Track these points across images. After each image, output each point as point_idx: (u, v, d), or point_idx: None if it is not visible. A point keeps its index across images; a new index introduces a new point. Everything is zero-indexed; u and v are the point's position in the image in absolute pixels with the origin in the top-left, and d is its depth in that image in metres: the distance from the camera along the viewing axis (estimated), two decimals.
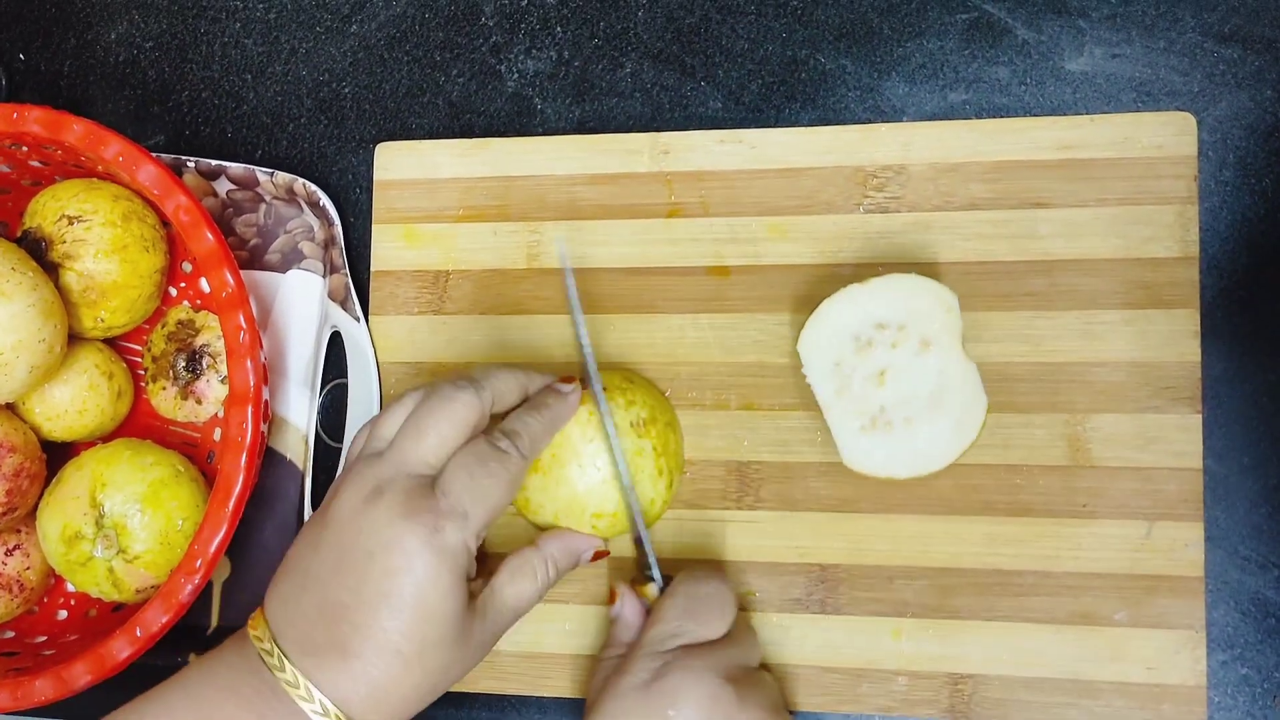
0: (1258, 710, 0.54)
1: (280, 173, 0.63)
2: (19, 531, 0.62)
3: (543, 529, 0.55)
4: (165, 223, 0.62)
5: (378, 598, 0.45)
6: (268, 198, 0.64)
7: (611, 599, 0.55)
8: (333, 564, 0.47)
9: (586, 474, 0.53)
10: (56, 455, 0.63)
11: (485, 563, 0.51)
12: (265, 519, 0.62)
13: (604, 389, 0.54)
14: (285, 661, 0.46)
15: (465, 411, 0.49)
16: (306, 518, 0.62)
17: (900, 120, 0.59)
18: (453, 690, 0.59)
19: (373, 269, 0.62)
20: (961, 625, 0.55)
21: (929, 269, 0.55)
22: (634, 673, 0.49)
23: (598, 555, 0.54)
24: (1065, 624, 0.54)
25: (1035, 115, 0.57)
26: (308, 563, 0.48)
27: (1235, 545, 0.54)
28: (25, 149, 0.59)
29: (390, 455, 0.48)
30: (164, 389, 0.62)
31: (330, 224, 0.63)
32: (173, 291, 0.65)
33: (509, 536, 0.59)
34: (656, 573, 0.55)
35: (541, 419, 0.51)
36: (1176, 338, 0.54)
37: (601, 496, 0.53)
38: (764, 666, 0.55)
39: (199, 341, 0.62)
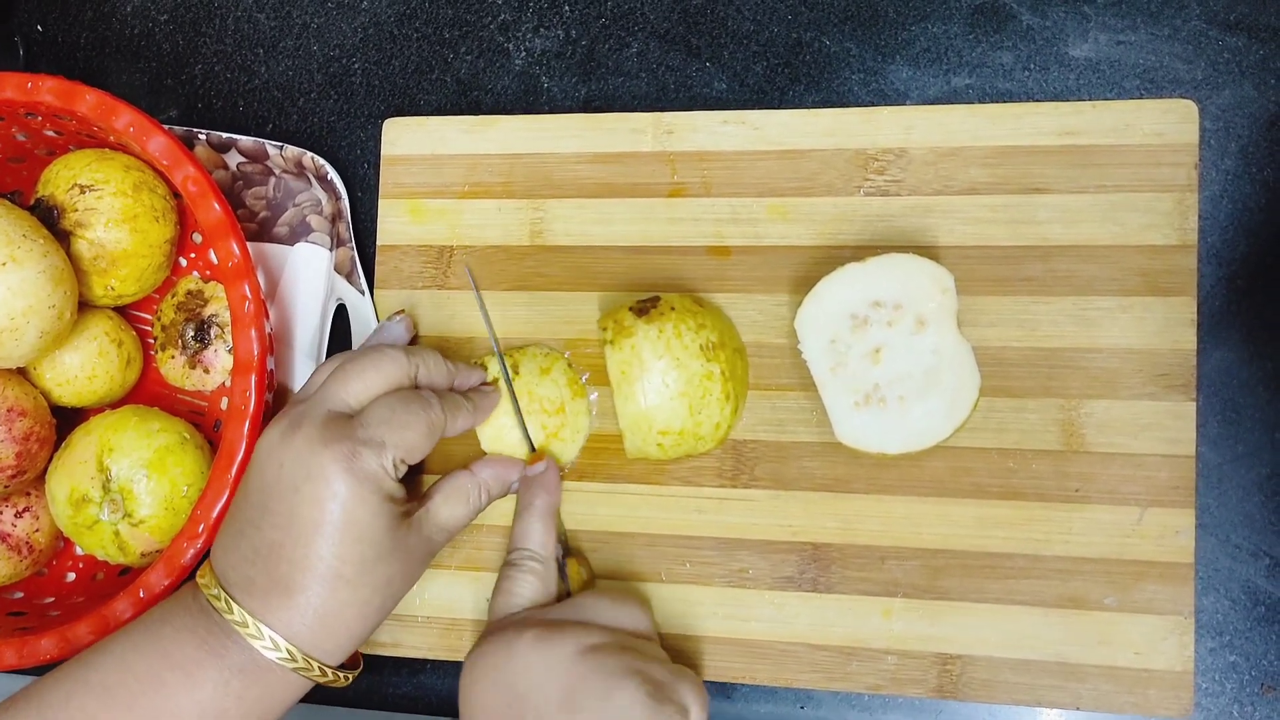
0: (1245, 697, 0.54)
1: (290, 146, 0.63)
2: (28, 494, 0.63)
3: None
4: (176, 194, 0.62)
5: (309, 528, 0.47)
6: (277, 171, 0.65)
7: (539, 459, 0.57)
8: (260, 504, 0.48)
9: (654, 391, 0.54)
10: (66, 420, 0.64)
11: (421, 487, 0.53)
12: None
13: (674, 309, 0.55)
14: (232, 604, 0.48)
15: (391, 366, 0.51)
16: None
17: (904, 104, 0.59)
18: (445, 659, 0.60)
19: (378, 243, 0.63)
20: (951, 606, 0.55)
21: (928, 252, 0.56)
22: (564, 633, 0.51)
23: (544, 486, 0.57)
24: (1054, 607, 0.54)
25: (1038, 101, 0.58)
26: (240, 508, 0.50)
27: (1227, 533, 0.54)
28: (39, 118, 0.60)
29: (313, 397, 0.51)
30: (172, 358, 0.63)
31: (338, 198, 0.63)
32: (183, 262, 0.66)
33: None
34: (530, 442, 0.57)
35: (467, 401, 0.54)
36: (1173, 325, 0.55)
37: (669, 414, 0.54)
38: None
39: (207, 312, 0.63)
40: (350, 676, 0.51)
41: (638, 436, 0.55)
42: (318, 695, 0.62)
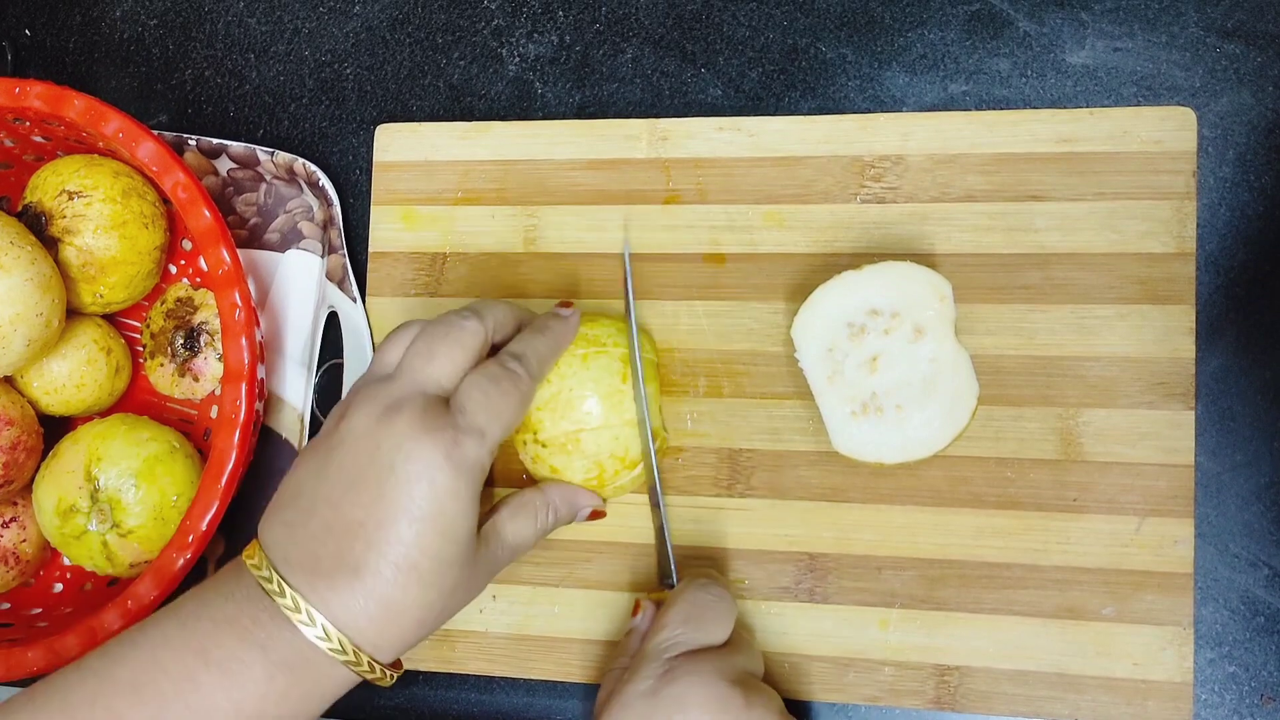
0: (1245, 708, 0.54)
1: (281, 152, 0.63)
2: (15, 504, 0.62)
3: None
4: (165, 200, 0.62)
5: (395, 511, 0.45)
6: (268, 177, 0.64)
7: (636, 610, 0.55)
8: (345, 482, 0.46)
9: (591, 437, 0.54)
10: (54, 429, 0.63)
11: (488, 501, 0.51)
12: (260, 496, 0.62)
13: (607, 333, 0.55)
14: (285, 587, 0.45)
15: (471, 337, 0.49)
16: None
17: (900, 111, 0.59)
18: (436, 671, 0.59)
19: (370, 250, 0.62)
20: (948, 617, 0.55)
21: (925, 260, 0.55)
22: (640, 679, 0.49)
23: (594, 515, 0.55)
24: (1052, 618, 0.54)
25: (1035, 108, 0.57)
26: (314, 485, 0.47)
27: (1226, 542, 0.54)
28: (27, 124, 0.59)
29: (400, 377, 0.48)
30: (162, 366, 0.62)
31: (329, 204, 0.63)
32: (173, 269, 0.65)
33: None
34: (675, 578, 0.55)
35: (545, 340, 0.52)
36: (1171, 334, 0.54)
37: (614, 444, 0.54)
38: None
39: (197, 319, 0.62)
40: (395, 676, 0.48)
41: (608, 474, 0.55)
42: None
